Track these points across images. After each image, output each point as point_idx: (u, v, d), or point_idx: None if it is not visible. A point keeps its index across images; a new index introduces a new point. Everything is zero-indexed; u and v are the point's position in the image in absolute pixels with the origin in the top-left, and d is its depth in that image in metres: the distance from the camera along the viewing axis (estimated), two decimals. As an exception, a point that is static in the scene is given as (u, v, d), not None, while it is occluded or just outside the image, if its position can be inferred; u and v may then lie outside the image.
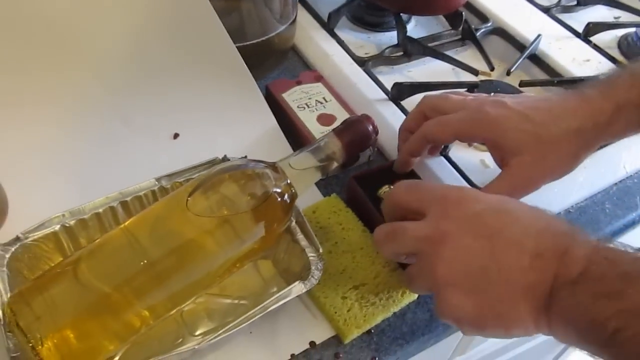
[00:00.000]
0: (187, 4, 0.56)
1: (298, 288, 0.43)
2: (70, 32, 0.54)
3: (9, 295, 0.41)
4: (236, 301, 0.47)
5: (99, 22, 0.55)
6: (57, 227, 0.45)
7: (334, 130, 0.47)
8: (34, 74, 0.53)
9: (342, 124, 0.48)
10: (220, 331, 0.41)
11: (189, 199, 0.42)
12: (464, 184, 0.56)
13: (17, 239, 0.44)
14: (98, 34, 0.55)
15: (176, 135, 0.57)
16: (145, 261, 0.41)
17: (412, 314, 0.48)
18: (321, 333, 0.46)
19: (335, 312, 0.45)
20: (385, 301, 0.47)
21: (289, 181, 0.44)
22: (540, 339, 0.87)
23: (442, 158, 0.58)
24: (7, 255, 0.43)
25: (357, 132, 0.46)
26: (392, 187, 0.50)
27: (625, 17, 0.82)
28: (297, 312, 0.46)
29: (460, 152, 0.59)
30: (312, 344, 0.45)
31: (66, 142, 0.54)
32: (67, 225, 0.46)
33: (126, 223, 0.44)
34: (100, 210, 0.47)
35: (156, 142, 0.56)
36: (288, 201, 0.44)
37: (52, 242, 0.45)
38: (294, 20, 0.67)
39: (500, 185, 0.48)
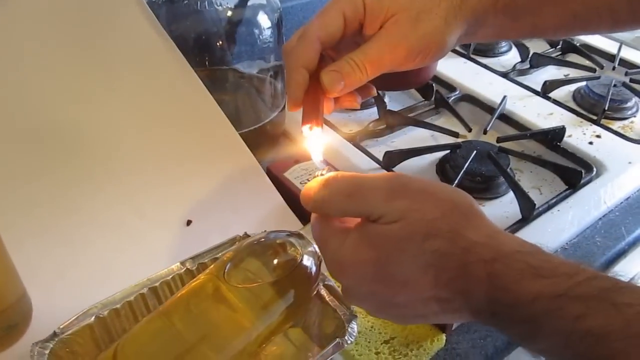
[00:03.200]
0: (190, 98, 0.61)
1: (339, 344, 0.44)
2: (78, 135, 0.58)
3: (54, 392, 0.41)
4: (274, 371, 0.48)
5: (107, 122, 0.59)
6: (92, 319, 0.46)
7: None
8: (48, 179, 0.56)
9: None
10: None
11: (225, 272, 0.44)
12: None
13: (55, 334, 0.44)
14: (107, 134, 0.59)
15: (189, 222, 0.59)
16: (184, 343, 0.43)
17: (443, 361, 0.49)
18: (360, 391, 0.47)
19: (372, 368, 0.47)
20: (417, 351, 0.48)
21: (315, 246, 0.47)
22: None
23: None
24: (47, 352, 0.43)
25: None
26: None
27: (573, 73, 0.91)
28: (333, 373, 0.48)
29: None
30: (353, 402, 0.46)
31: (83, 239, 0.56)
32: (101, 316, 0.47)
33: (160, 308, 0.45)
34: (132, 298, 0.48)
35: (170, 231, 0.58)
36: (317, 265, 0.46)
37: (88, 335, 0.46)
38: (284, 107, 0.72)
39: (378, 45, 0.47)
